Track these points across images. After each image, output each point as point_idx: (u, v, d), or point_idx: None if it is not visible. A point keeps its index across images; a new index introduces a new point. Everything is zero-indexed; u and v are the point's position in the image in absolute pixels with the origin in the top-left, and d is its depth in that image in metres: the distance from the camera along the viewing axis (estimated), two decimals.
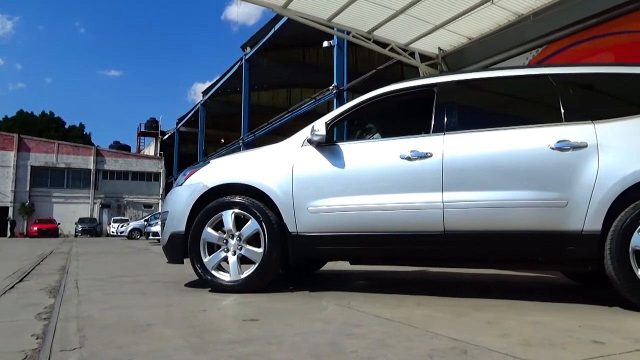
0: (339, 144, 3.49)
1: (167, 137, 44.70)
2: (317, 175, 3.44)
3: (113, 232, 31.55)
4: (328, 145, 3.47)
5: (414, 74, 8.66)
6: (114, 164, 43.49)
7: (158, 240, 15.11)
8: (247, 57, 23.62)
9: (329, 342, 2.08)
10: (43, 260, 7.53)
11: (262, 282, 3.46)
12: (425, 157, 3.20)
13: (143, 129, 51.46)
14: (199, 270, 3.54)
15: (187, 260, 3.66)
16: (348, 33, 7.91)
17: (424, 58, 8.30)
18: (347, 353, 1.88)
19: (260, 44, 21.91)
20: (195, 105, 34.14)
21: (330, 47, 14.35)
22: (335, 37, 12.34)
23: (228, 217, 3.52)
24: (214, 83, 30.23)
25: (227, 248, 3.53)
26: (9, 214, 38.69)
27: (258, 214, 3.44)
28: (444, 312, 2.78)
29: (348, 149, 3.45)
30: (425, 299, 3.23)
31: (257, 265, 3.43)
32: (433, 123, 3.32)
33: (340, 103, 12.57)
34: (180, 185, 3.79)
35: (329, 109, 14.05)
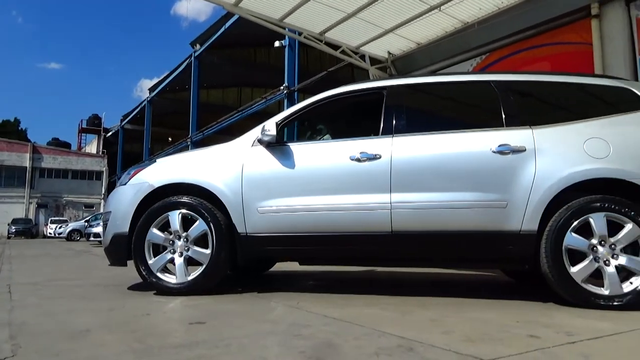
0: (290, 145, 3.48)
1: (110, 134, 42.91)
2: (267, 176, 3.42)
3: (50, 233, 29.90)
4: (278, 146, 3.46)
5: (364, 77, 8.79)
6: (53, 162, 41.25)
7: (99, 242, 14.50)
8: (196, 54, 23.11)
9: (277, 343, 2.07)
10: None
11: (209, 283, 3.40)
12: (374, 158, 3.25)
13: (85, 126, 49.15)
14: (144, 273, 3.43)
15: (130, 263, 3.54)
16: (300, 34, 7.92)
17: (374, 61, 8.44)
18: (295, 354, 1.88)
19: (211, 42, 21.50)
20: (142, 102, 33.00)
21: (282, 47, 14.31)
22: (287, 37, 12.32)
23: (175, 217, 3.43)
24: (162, 80, 29.36)
25: (173, 249, 3.44)
26: None
27: (206, 215, 3.37)
28: (391, 310, 2.83)
29: (298, 150, 3.45)
30: (373, 298, 3.29)
31: (204, 267, 3.36)
32: (382, 125, 3.39)
33: (291, 103, 12.56)
34: (125, 185, 3.66)
35: (280, 109, 14.00)
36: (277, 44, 14.33)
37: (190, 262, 3.42)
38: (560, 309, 2.89)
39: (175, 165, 3.68)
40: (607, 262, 2.89)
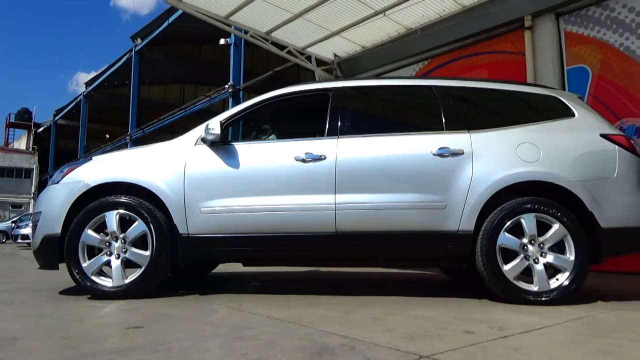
0: (234, 144, 3.44)
1: (42, 130, 40.39)
2: (210, 175, 3.35)
3: None
4: (222, 145, 3.40)
5: (310, 78, 8.84)
6: None
7: (28, 244, 13.64)
8: (137, 48, 22.26)
9: (219, 346, 2.03)
10: None
11: (148, 286, 3.28)
12: (319, 159, 3.27)
13: (13, 120, 46.04)
14: (77, 276, 3.25)
15: (62, 266, 3.35)
16: (246, 32, 7.83)
17: (320, 63, 8.50)
18: (237, 356, 1.85)
19: (153, 36, 20.78)
20: (77, 97, 31.33)
21: (227, 45, 14.07)
22: (233, 35, 12.14)
23: (112, 218, 3.28)
24: (100, 74, 28.03)
25: (110, 251, 3.29)
26: None
27: (146, 215, 3.26)
28: (334, 310, 2.86)
29: (243, 149, 3.41)
30: (317, 298, 3.30)
31: (143, 269, 3.24)
32: (327, 126, 3.42)
33: (236, 102, 12.40)
34: (57, 183, 3.46)
35: (224, 108, 13.77)
36: (222, 42, 14.06)
37: (128, 264, 3.29)
38: (494, 305, 3.03)
39: (113, 164, 3.53)
40: (536, 260, 3.08)
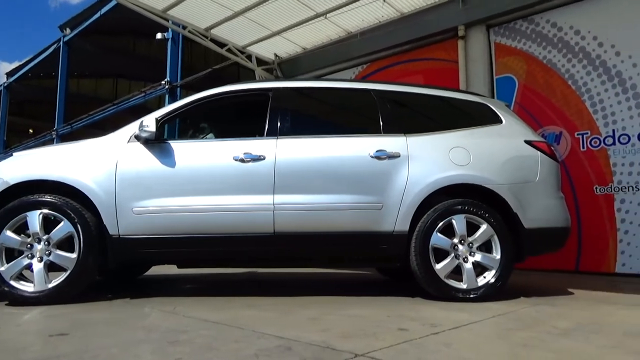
0: (170, 142, 3.33)
1: None
2: (144, 174, 3.22)
3: None
4: (158, 143, 3.29)
5: (250, 77, 8.75)
6: None
7: None
8: (66, 39, 20.99)
9: (152, 351, 1.96)
10: None
11: (74, 291, 3.10)
12: (259, 159, 3.25)
13: None
14: None
15: None
16: (184, 27, 7.62)
17: (261, 62, 8.43)
18: None
19: (84, 27, 19.69)
20: None
21: (164, 39, 13.62)
22: (170, 30, 11.77)
23: (35, 218, 3.07)
24: (24, 64, 26.16)
25: (31, 254, 3.08)
26: None
27: (72, 215, 3.08)
28: (272, 311, 2.85)
29: (179, 148, 3.31)
30: (254, 300, 3.27)
31: (69, 273, 3.06)
32: (267, 127, 3.40)
33: (173, 99, 12.01)
34: None
35: (160, 105, 13.31)
36: (159, 36, 13.59)
37: (52, 267, 3.09)
38: (427, 303, 3.14)
39: (37, 160, 3.31)
40: (465, 259, 3.22)
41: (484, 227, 3.24)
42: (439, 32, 6.47)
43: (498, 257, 3.23)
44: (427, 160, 3.36)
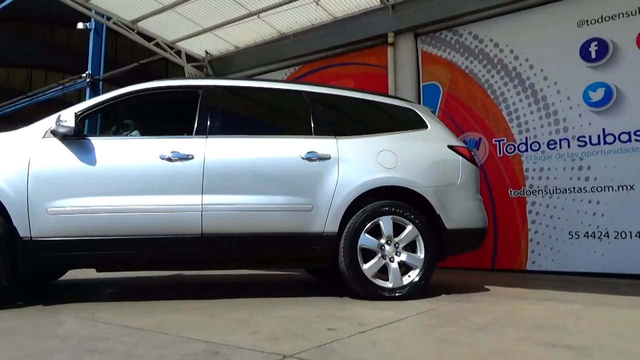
0: (91, 139, 3.15)
1: None
2: (61, 172, 3.02)
3: None
4: (77, 139, 3.09)
5: (179, 74, 8.49)
6: None
7: None
8: None
9: None
10: None
11: None
12: (187, 159, 3.16)
13: None
14: None
15: None
16: (109, 18, 7.23)
17: (191, 59, 8.21)
18: None
19: None
20: None
21: (86, 30, 12.84)
22: (93, 20, 11.13)
23: None
24: None
25: None
26: None
27: None
28: (199, 315, 2.77)
29: (101, 145, 3.14)
30: (180, 303, 3.17)
31: None
32: (196, 125, 3.31)
33: (95, 94, 11.35)
34: None
35: (81, 99, 12.55)
36: (80, 26, 12.77)
37: None
38: (354, 302, 3.21)
39: None
40: (392, 259, 3.33)
41: (410, 228, 3.37)
42: (370, 37, 6.65)
43: (422, 256, 3.37)
44: (356, 163, 3.43)
